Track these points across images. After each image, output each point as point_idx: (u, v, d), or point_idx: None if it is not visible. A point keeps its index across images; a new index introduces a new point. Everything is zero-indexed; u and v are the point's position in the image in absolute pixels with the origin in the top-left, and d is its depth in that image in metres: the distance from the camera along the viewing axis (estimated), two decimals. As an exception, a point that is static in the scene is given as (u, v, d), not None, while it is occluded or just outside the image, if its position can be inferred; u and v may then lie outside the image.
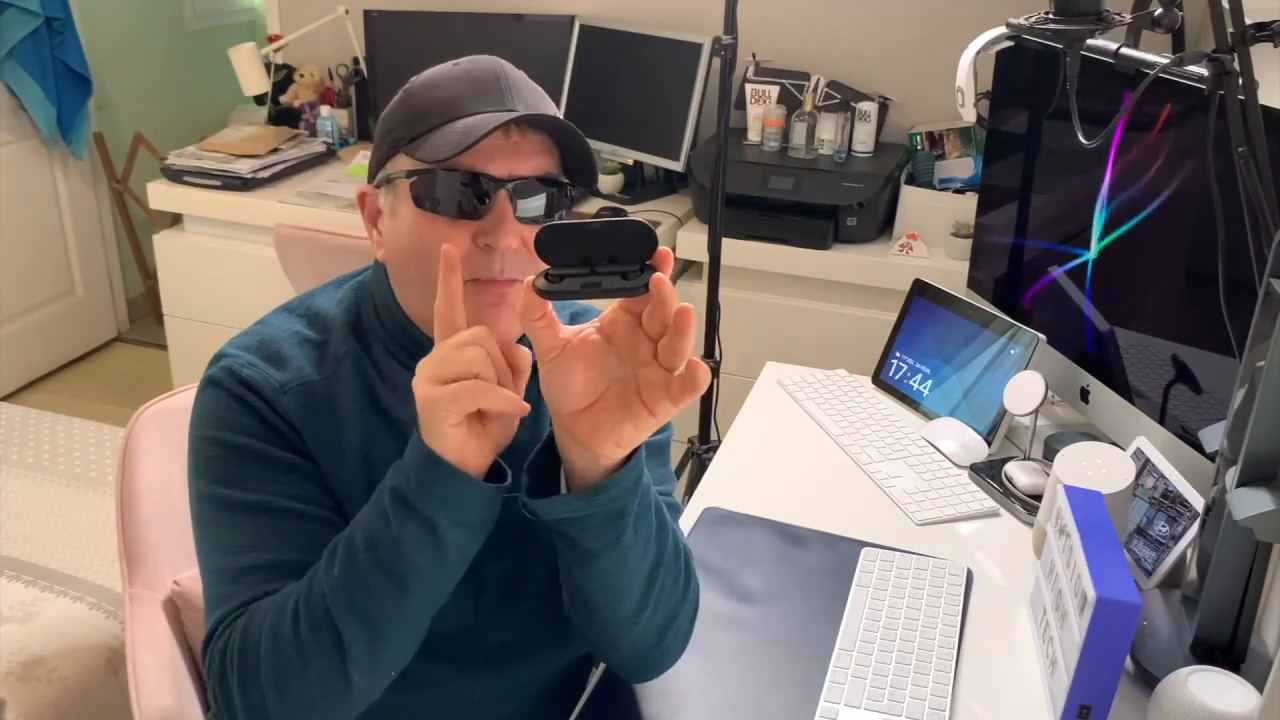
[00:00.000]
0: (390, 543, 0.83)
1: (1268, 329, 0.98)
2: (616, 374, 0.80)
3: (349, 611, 0.84)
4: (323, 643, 0.85)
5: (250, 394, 0.95)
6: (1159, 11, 1.16)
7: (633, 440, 0.80)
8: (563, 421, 0.81)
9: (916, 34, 2.72)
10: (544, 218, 0.94)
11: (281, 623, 0.86)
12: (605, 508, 0.84)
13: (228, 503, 0.94)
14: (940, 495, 1.45)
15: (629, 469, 0.84)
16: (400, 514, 0.83)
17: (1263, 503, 0.94)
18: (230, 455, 0.94)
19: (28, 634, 1.69)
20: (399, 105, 0.98)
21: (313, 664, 0.85)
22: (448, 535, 0.84)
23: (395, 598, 0.84)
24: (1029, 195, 1.65)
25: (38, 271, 3.44)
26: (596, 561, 0.88)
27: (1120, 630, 0.99)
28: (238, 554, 0.92)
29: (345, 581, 0.85)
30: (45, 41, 3.26)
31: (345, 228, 2.47)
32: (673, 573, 0.95)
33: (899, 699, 1.06)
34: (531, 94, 0.96)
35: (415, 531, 0.83)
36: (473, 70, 0.96)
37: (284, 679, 0.86)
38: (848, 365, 1.82)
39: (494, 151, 0.91)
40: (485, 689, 1.05)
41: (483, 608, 1.02)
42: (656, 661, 1.01)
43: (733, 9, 2.02)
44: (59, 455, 2.21)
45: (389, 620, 0.85)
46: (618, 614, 0.92)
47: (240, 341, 1.00)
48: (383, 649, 0.86)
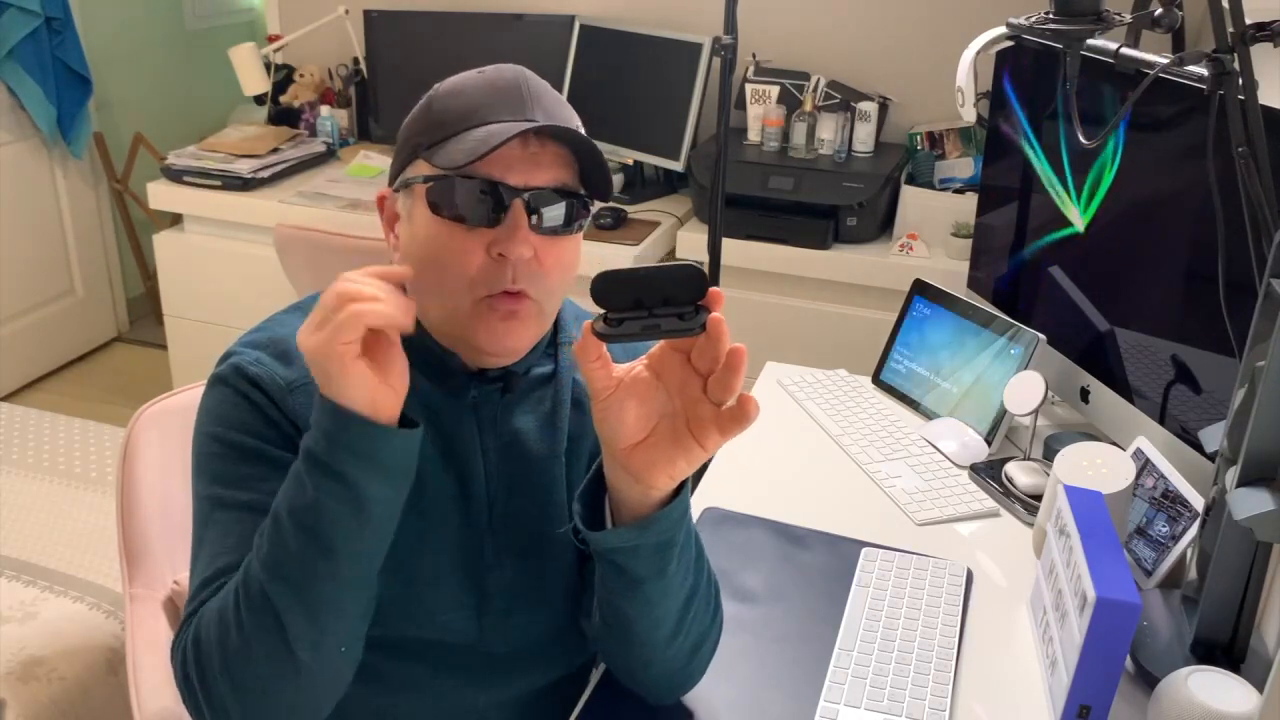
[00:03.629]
0: (309, 506, 0.82)
1: (1268, 329, 0.98)
2: (666, 409, 0.84)
3: (282, 585, 0.83)
4: (263, 623, 0.84)
5: (256, 391, 0.95)
6: (1159, 11, 1.16)
7: (684, 473, 0.85)
8: (617, 456, 0.85)
9: (916, 34, 2.72)
10: (559, 229, 0.94)
11: (225, 610, 0.86)
12: (655, 539, 0.88)
13: (221, 502, 0.94)
14: (940, 495, 1.45)
15: (678, 502, 0.88)
16: (315, 474, 0.82)
17: (1263, 503, 0.94)
18: (231, 454, 0.94)
19: (28, 634, 1.69)
20: (422, 111, 0.98)
21: (256, 646, 0.84)
22: (365, 489, 0.82)
23: (324, 561, 0.83)
24: (1029, 195, 1.65)
25: (37, 271, 3.44)
26: (641, 589, 0.91)
27: (1120, 630, 0.99)
28: (221, 554, 0.92)
29: (274, 556, 0.84)
30: (45, 41, 3.26)
31: (345, 228, 2.47)
32: (705, 599, 0.98)
33: (899, 699, 1.06)
34: (553, 104, 0.96)
35: (332, 489, 0.82)
36: (496, 79, 0.96)
37: (233, 665, 0.85)
38: (848, 365, 1.82)
39: (511, 161, 0.92)
40: (487, 698, 1.05)
41: (486, 618, 1.02)
42: (680, 684, 1.03)
43: (733, 9, 2.02)
44: (59, 455, 2.21)
45: (322, 588, 0.84)
46: (654, 638, 0.95)
47: (249, 339, 1.00)
48: (321, 620, 0.85)
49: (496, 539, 1.01)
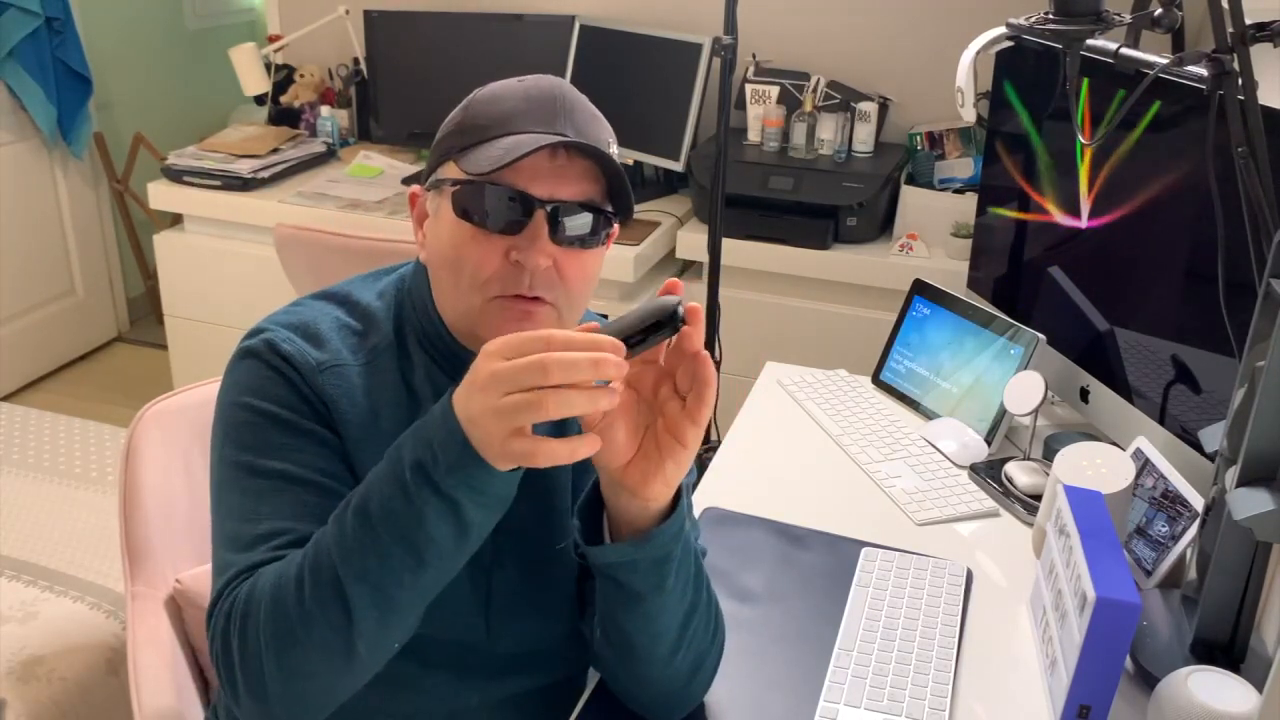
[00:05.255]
0: (412, 517, 0.81)
1: (1268, 329, 0.98)
2: (647, 420, 0.87)
3: (360, 582, 0.83)
4: (329, 611, 0.83)
5: (287, 366, 0.96)
6: (1159, 11, 1.16)
7: (676, 477, 0.87)
8: (613, 476, 0.87)
9: (916, 34, 2.72)
10: (580, 241, 0.95)
11: (285, 588, 0.85)
12: (653, 554, 0.89)
13: (252, 469, 0.94)
14: (940, 495, 1.45)
15: (675, 517, 0.89)
16: (424, 491, 0.81)
17: (1263, 503, 0.94)
18: (262, 421, 0.95)
19: (28, 634, 1.69)
20: (459, 114, 0.99)
21: (315, 631, 0.84)
22: (470, 515, 0.82)
23: (411, 571, 0.83)
24: (1029, 195, 1.65)
25: (38, 271, 3.44)
26: (641, 604, 0.92)
27: (1120, 630, 0.99)
28: (255, 520, 0.92)
29: (359, 551, 0.83)
30: (45, 41, 3.26)
31: (345, 228, 2.47)
32: (705, 617, 0.99)
33: (899, 699, 1.06)
34: (586, 120, 0.97)
35: (439, 508, 0.81)
36: (532, 88, 0.97)
37: (284, 645, 0.85)
38: (848, 365, 1.82)
39: (539, 172, 0.93)
40: (484, 697, 1.05)
41: (492, 617, 1.02)
42: (680, 704, 1.03)
43: (733, 9, 2.02)
44: (59, 455, 2.21)
45: (402, 594, 0.84)
46: (654, 654, 0.96)
47: (279, 319, 1.00)
48: (392, 622, 0.85)
49: (498, 541, 1.01)
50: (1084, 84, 1.45)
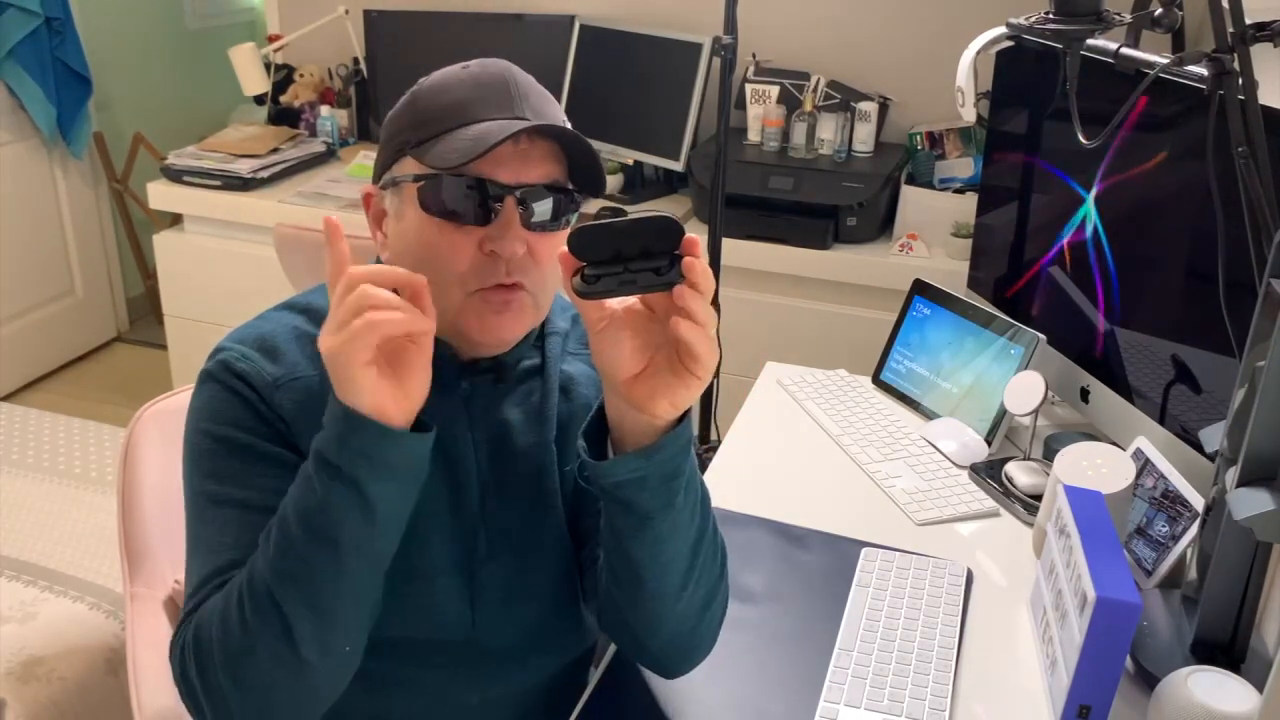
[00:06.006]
0: (318, 508, 0.83)
1: (1268, 329, 0.98)
2: (661, 339, 0.83)
3: (290, 587, 0.83)
4: (268, 624, 0.84)
5: (244, 386, 0.95)
6: (1159, 11, 1.16)
7: (686, 401, 0.84)
8: (618, 389, 0.84)
9: (916, 34, 2.72)
10: (550, 224, 0.94)
11: (229, 610, 0.86)
12: (661, 467, 0.86)
13: (215, 499, 0.94)
14: (940, 495, 1.45)
15: (681, 429, 0.87)
16: (323, 475, 0.82)
17: (1263, 503, 0.94)
18: (220, 449, 0.94)
19: (28, 634, 1.69)
20: (406, 108, 0.97)
21: (261, 647, 0.84)
22: (373, 491, 0.82)
23: (332, 565, 0.83)
24: (1029, 195, 1.65)
25: (37, 271, 3.44)
26: (650, 526, 0.89)
27: (1120, 630, 0.99)
28: (219, 551, 0.92)
29: (281, 556, 0.84)
30: (45, 41, 3.26)
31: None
32: (712, 548, 0.96)
33: (899, 699, 1.06)
34: (540, 100, 0.96)
35: (340, 491, 0.82)
36: (481, 75, 0.95)
37: (237, 666, 0.85)
38: (848, 365, 1.82)
39: (502, 158, 0.91)
40: (482, 694, 1.04)
41: (480, 612, 1.02)
42: (692, 649, 1.01)
43: (733, 9, 2.02)
44: (59, 455, 2.21)
45: (329, 589, 0.84)
46: (664, 587, 0.93)
47: (237, 335, 1.00)
48: (329, 622, 0.85)
49: (489, 531, 1.01)
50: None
